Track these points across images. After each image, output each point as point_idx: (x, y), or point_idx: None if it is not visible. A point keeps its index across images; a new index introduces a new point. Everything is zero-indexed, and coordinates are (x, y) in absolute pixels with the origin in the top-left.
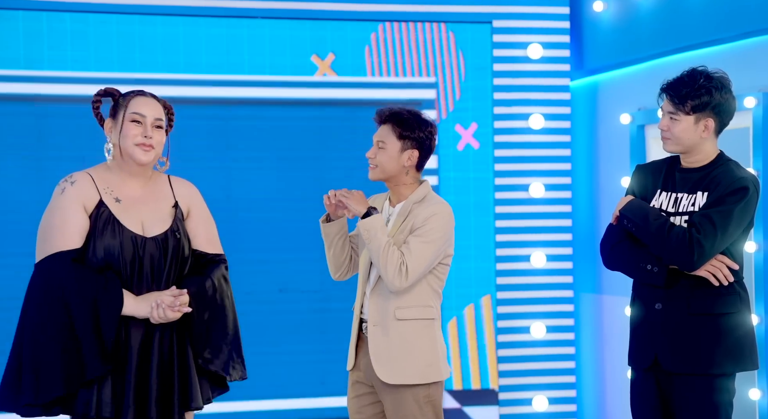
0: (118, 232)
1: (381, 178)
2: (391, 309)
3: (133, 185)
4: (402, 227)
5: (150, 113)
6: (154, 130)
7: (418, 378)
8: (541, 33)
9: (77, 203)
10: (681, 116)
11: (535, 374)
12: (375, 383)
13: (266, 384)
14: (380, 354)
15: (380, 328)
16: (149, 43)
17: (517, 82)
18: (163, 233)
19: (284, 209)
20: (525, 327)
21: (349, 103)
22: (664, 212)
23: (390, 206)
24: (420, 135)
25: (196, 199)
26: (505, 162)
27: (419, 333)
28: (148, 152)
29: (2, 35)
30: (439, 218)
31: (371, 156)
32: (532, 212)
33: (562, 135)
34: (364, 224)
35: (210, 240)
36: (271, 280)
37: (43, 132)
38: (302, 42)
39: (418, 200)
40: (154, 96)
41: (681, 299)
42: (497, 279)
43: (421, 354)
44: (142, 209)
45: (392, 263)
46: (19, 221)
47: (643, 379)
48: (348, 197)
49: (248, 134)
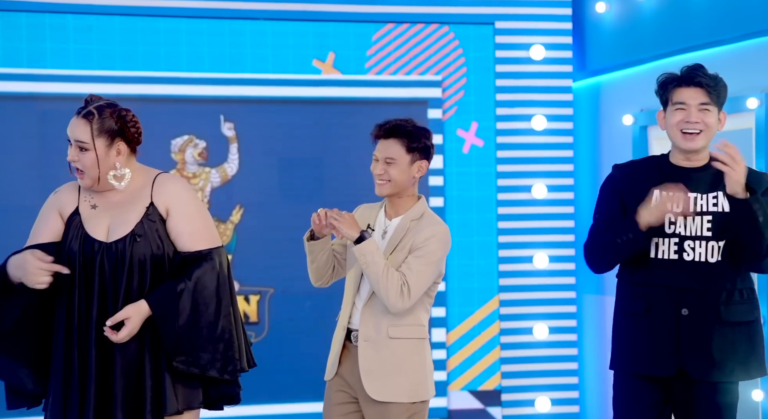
0: (79, 237)
1: (392, 193)
2: (384, 327)
3: (113, 192)
4: (401, 246)
5: (72, 136)
6: (78, 152)
7: (407, 397)
8: (543, 34)
9: (53, 210)
10: (713, 108)
11: (538, 375)
12: (360, 396)
13: (263, 388)
14: (371, 370)
15: (372, 344)
16: (152, 41)
17: (520, 84)
18: (124, 237)
19: (286, 211)
20: (528, 328)
21: (352, 102)
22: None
23: (386, 219)
24: (426, 144)
25: (176, 196)
26: (508, 163)
27: (411, 351)
28: (80, 177)
29: (5, 33)
30: (439, 241)
31: (381, 172)
32: (535, 213)
33: (565, 136)
34: (360, 250)
35: (195, 236)
36: (272, 285)
37: (45, 131)
38: (305, 42)
39: (417, 218)
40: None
41: (711, 306)
42: (500, 280)
43: (412, 373)
44: (114, 214)
45: (393, 286)
46: (21, 223)
47: (648, 386)
48: (339, 220)
49: (249, 132)
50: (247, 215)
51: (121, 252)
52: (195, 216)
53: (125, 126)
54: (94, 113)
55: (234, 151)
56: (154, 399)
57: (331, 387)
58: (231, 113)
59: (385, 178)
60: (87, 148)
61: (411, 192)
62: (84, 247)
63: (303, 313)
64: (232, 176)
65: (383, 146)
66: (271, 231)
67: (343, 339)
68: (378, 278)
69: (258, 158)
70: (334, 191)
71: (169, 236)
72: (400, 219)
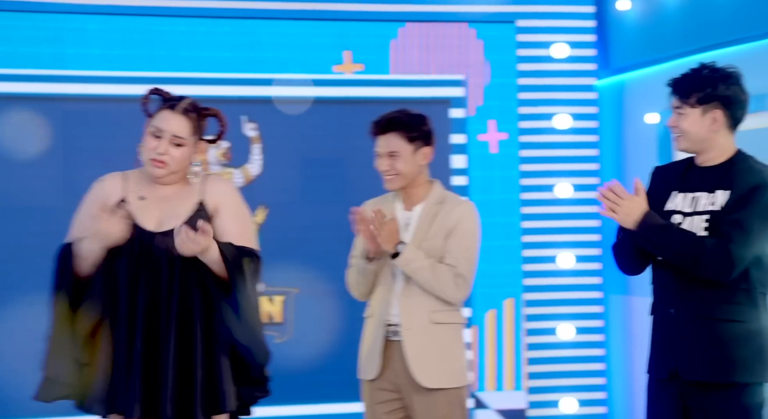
0: (130, 229)
1: (402, 185)
2: (425, 313)
3: (161, 186)
4: (432, 232)
5: (168, 130)
6: (171, 147)
7: (453, 382)
8: (566, 32)
9: (98, 201)
10: (686, 110)
11: (564, 376)
12: (405, 388)
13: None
14: (419, 358)
15: (415, 332)
16: (173, 42)
17: (542, 82)
18: (174, 228)
19: (309, 212)
20: (553, 329)
21: (374, 101)
22: (680, 212)
23: (405, 210)
24: (425, 130)
25: (225, 196)
26: (531, 162)
27: (453, 336)
28: (160, 168)
29: (28, 36)
30: (471, 218)
31: (387, 168)
32: (559, 212)
33: (590, 135)
34: (402, 262)
35: (242, 238)
36: (297, 285)
37: (68, 132)
38: (326, 41)
39: (439, 201)
40: (187, 109)
41: (692, 301)
42: (524, 281)
43: (456, 358)
44: (164, 207)
45: (446, 281)
46: (44, 224)
47: (662, 390)
48: (380, 232)
49: (272, 132)
50: (271, 215)
51: (171, 243)
52: (243, 219)
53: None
54: (192, 110)
55: (257, 151)
56: (205, 394)
57: (372, 385)
58: (253, 113)
59: (392, 172)
60: (182, 143)
61: (423, 179)
62: (133, 236)
63: (328, 313)
64: (255, 176)
65: (384, 142)
66: (294, 231)
67: (383, 336)
68: (428, 280)
69: (281, 158)
70: (357, 191)
71: (215, 234)
72: (422, 207)
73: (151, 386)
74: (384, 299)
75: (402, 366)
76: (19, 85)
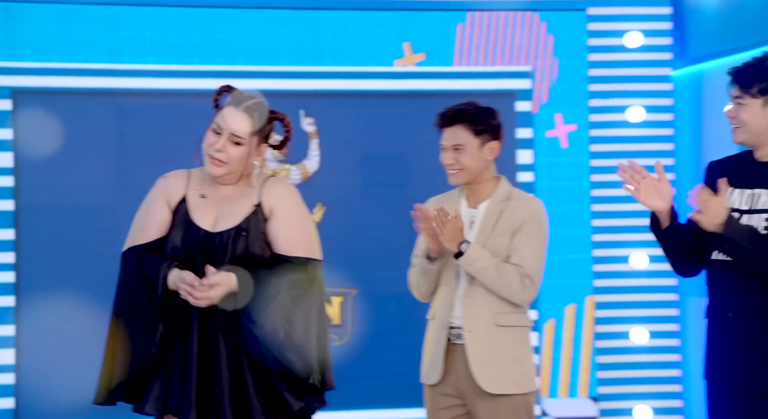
0: (183, 224)
1: (467, 180)
2: (489, 315)
3: (222, 185)
4: (497, 231)
5: (228, 127)
6: (229, 144)
7: (518, 388)
8: (640, 20)
9: (161, 197)
10: (747, 100)
11: (637, 382)
12: (468, 393)
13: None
14: (482, 362)
15: (479, 335)
16: (230, 33)
17: (615, 73)
18: (229, 229)
19: (369, 209)
20: (625, 333)
21: (437, 94)
22: (737, 210)
23: (470, 208)
24: (493, 123)
25: (283, 200)
26: (602, 157)
27: (519, 340)
28: (217, 166)
29: (82, 27)
30: (539, 217)
31: (452, 162)
32: (632, 210)
33: (665, 128)
34: (466, 261)
35: (292, 243)
36: (355, 286)
37: (123, 128)
38: (387, 32)
39: (505, 198)
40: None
41: (751, 306)
42: (594, 282)
43: (522, 362)
44: (222, 206)
45: (513, 281)
46: (100, 222)
47: (724, 399)
48: (442, 230)
49: (331, 127)
50: (329, 213)
51: (224, 244)
52: (297, 223)
53: (272, 129)
54: (255, 109)
55: (314, 147)
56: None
57: (434, 390)
58: (311, 107)
59: (456, 167)
60: (240, 143)
61: (489, 175)
62: (187, 234)
63: (388, 314)
64: (312, 173)
65: (449, 134)
66: (353, 230)
67: (446, 339)
68: (494, 281)
69: (339, 154)
70: (418, 188)
71: (268, 237)
72: (488, 204)
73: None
74: (447, 300)
75: (465, 371)
76: (73, 80)
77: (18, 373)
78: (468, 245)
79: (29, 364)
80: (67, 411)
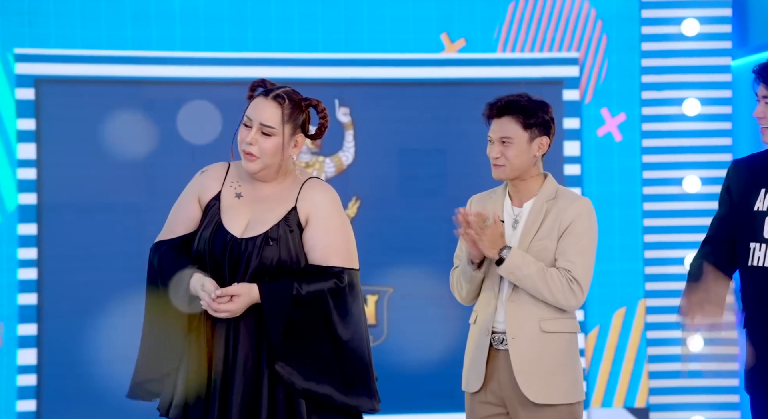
0: (213, 225)
1: (511, 176)
2: (535, 320)
3: (263, 184)
4: (542, 232)
5: (257, 118)
6: (259, 136)
7: (565, 397)
8: (697, 6)
9: (193, 194)
10: None
11: (692, 392)
12: (511, 402)
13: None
14: (526, 370)
15: (523, 341)
16: (262, 20)
17: (670, 63)
18: (256, 236)
19: (406, 205)
20: (679, 340)
21: (480, 83)
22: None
23: (513, 206)
24: (545, 118)
25: (320, 206)
26: (655, 153)
27: (566, 347)
28: (251, 161)
29: (109, 15)
30: (588, 218)
31: (497, 155)
32: (687, 209)
33: (722, 122)
34: (506, 269)
35: (329, 251)
36: (392, 284)
37: (151, 117)
38: (428, 17)
39: (551, 197)
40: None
41: None
42: (646, 285)
43: (569, 371)
44: (256, 209)
45: (558, 287)
46: (126, 218)
47: None
48: (481, 236)
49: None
50: (364, 208)
51: (249, 252)
52: (335, 231)
53: (308, 118)
54: (285, 97)
55: (350, 138)
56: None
57: (475, 399)
58: (346, 97)
59: (501, 161)
60: (271, 133)
61: (535, 172)
62: (215, 238)
63: (425, 315)
64: (347, 165)
65: (497, 126)
66: (389, 225)
67: (488, 344)
68: (538, 288)
69: (376, 146)
70: (458, 183)
71: (304, 246)
72: (533, 203)
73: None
74: (489, 304)
75: (508, 379)
76: (99, 68)
77: (40, 373)
78: (509, 251)
79: (51, 364)
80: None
